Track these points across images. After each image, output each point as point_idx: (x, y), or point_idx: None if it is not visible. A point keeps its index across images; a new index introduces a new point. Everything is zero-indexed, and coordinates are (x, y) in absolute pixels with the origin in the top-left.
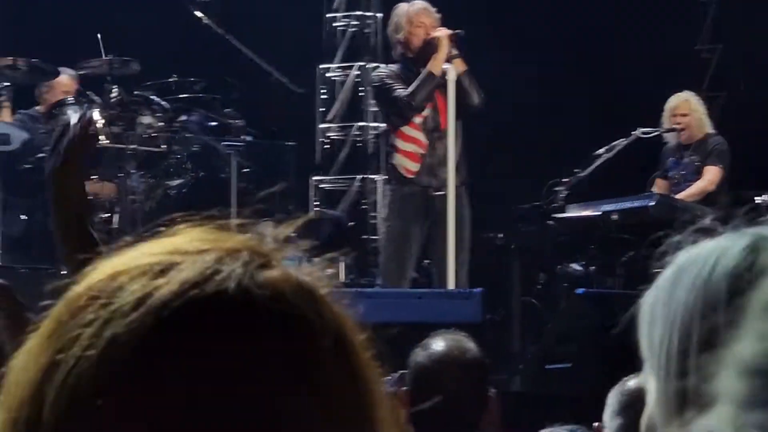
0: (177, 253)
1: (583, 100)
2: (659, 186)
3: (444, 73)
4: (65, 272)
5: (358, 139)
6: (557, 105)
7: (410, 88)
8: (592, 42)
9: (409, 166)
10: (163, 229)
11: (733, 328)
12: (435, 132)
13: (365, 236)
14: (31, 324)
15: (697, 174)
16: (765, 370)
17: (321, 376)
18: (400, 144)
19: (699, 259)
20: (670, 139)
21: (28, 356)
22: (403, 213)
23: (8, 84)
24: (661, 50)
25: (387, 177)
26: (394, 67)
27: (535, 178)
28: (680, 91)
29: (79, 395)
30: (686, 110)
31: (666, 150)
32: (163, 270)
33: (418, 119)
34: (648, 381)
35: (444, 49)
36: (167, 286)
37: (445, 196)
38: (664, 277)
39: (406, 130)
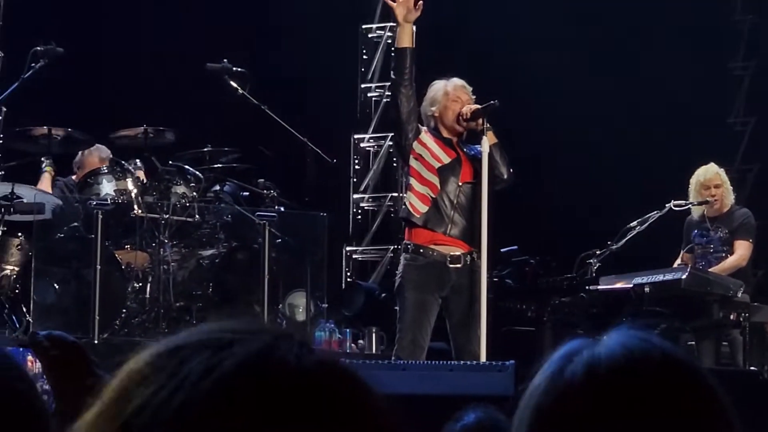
0: (233, 332)
1: (615, 172)
2: (684, 260)
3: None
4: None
5: (391, 209)
6: (590, 177)
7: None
8: (625, 114)
9: (417, 206)
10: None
11: None
12: (451, 182)
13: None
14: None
15: (725, 246)
16: None
17: None
18: (415, 184)
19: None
20: (693, 212)
21: (91, 424)
22: (419, 283)
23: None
24: (693, 122)
25: (401, 220)
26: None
27: (569, 250)
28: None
29: None
30: (719, 182)
31: (690, 223)
32: (225, 345)
33: (436, 164)
34: None
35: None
36: (232, 358)
37: (460, 270)
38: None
39: (423, 172)
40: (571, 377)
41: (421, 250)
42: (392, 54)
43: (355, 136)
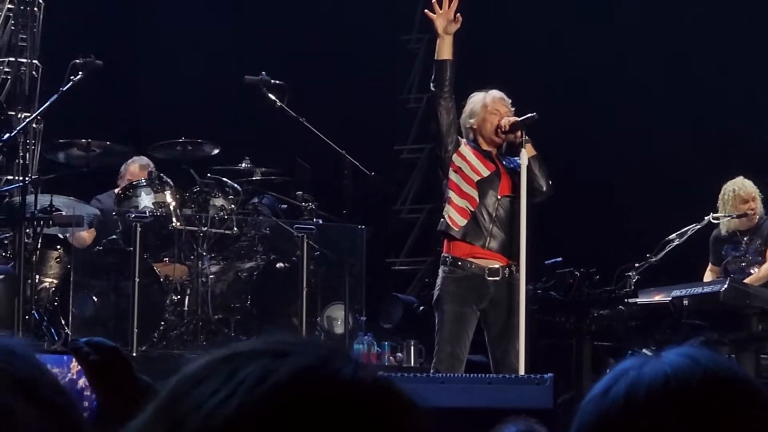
0: (289, 344)
1: (654, 183)
2: (714, 273)
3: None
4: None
5: (430, 220)
6: (629, 188)
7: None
8: (661, 127)
9: (456, 219)
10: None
11: None
12: (490, 195)
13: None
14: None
15: (760, 256)
16: None
17: None
18: (454, 197)
19: None
20: (722, 226)
21: (144, 425)
22: (457, 296)
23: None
24: (730, 134)
25: (440, 233)
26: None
27: (607, 262)
28: (748, 176)
29: None
30: (755, 194)
31: (718, 238)
32: (281, 354)
33: (475, 177)
34: None
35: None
36: (289, 365)
37: (498, 283)
38: None
39: (462, 185)
40: (613, 399)
41: (460, 263)
42: (433, 66)
43: (394, 147)
